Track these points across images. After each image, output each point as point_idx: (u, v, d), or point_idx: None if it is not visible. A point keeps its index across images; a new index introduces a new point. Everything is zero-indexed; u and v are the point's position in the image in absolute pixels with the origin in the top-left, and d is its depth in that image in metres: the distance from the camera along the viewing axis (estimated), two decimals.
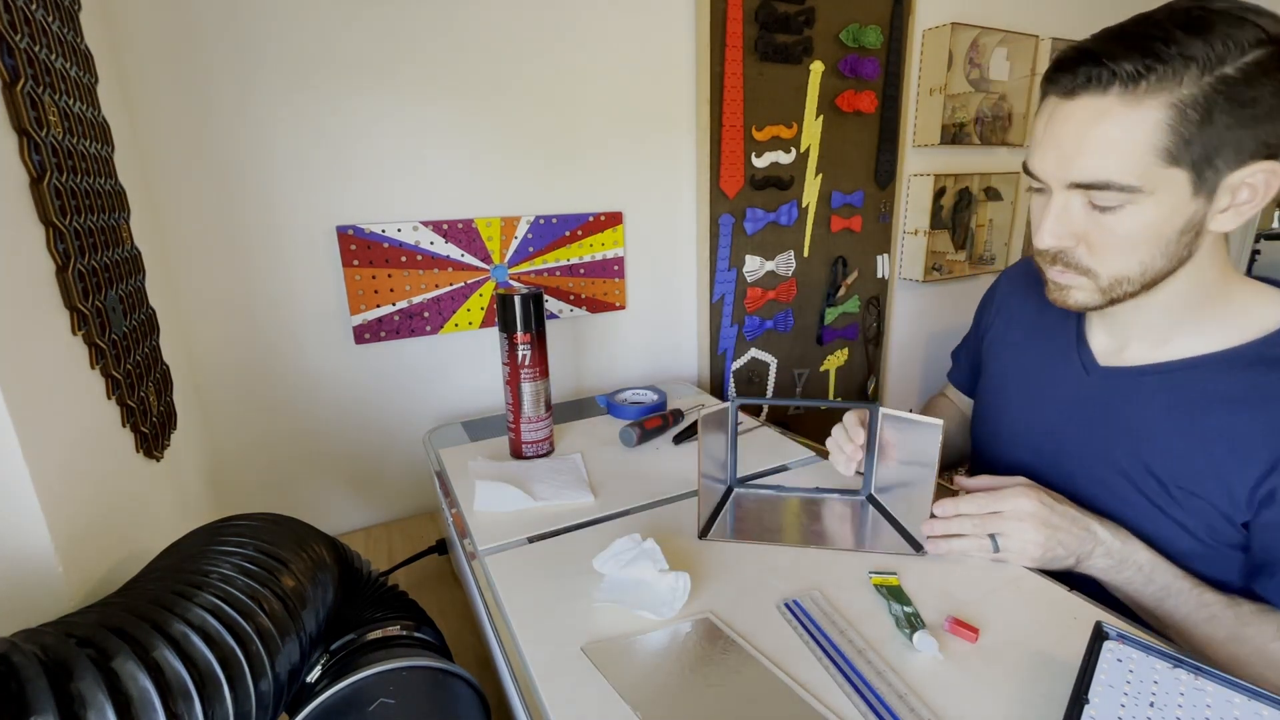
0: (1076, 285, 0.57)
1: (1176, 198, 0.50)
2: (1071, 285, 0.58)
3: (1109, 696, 0.42)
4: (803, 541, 0.64)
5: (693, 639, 0.51)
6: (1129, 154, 0.49)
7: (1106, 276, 0.55)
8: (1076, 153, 0.50)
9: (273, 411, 0.98)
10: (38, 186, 0.49)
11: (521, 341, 0.81)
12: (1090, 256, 0.55)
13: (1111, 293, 0.56)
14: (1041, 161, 0.54)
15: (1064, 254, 0.56)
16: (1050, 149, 0.52)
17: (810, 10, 1.23)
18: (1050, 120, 0.52)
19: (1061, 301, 0.60)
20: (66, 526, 0.46)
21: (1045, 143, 0.53)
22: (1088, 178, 0.50)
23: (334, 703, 0.46)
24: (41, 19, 0.53)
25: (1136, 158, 0.48)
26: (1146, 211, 0.50)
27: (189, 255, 0.88)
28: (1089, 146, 0.50)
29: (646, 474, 0.80)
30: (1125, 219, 0.51)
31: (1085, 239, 0.54)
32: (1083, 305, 0.58)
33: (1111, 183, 0.49)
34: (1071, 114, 0.50)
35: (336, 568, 0.56)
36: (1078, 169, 0.51)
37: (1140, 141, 0.48)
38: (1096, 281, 0.56)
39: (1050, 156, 0.53)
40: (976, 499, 0.59)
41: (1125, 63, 0.47)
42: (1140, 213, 0.50)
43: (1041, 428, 0.69)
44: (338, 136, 0.93)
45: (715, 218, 1.26)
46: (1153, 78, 0.47)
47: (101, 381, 0.56)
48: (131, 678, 0.35)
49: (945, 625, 0.51)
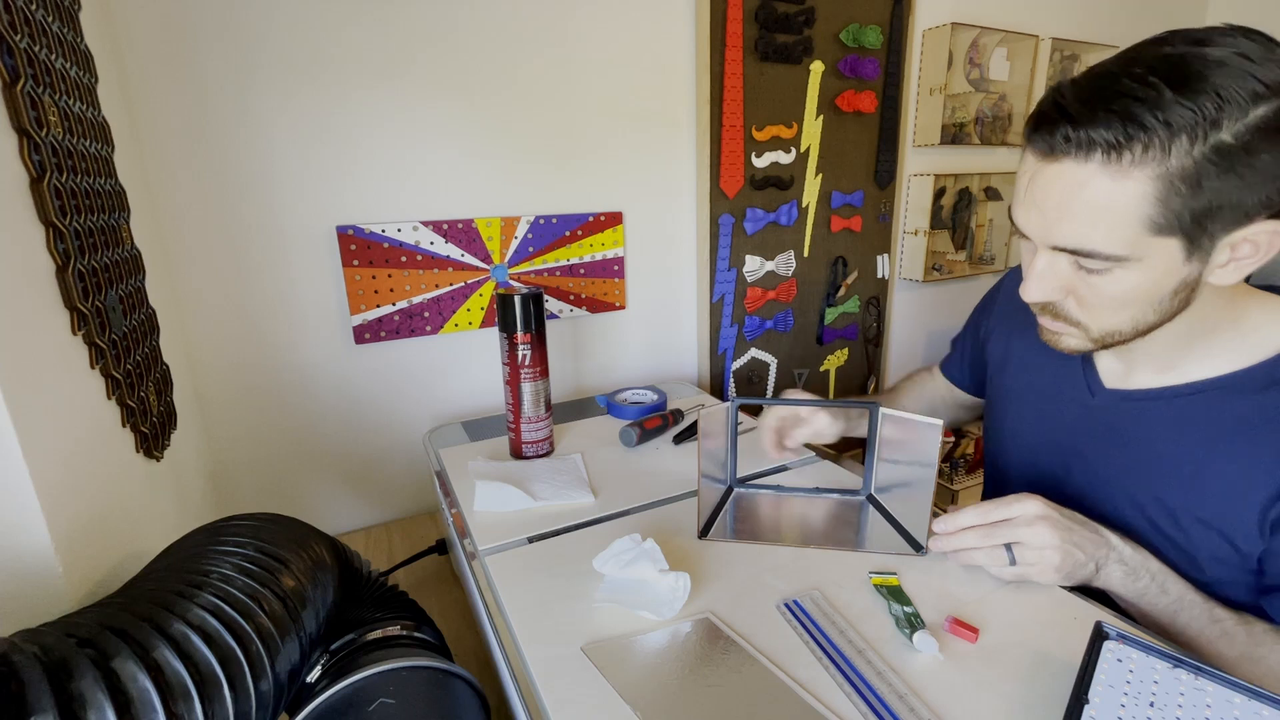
0: (1067, 333, 0.56)
1: (1168, 263, 0.47)
2: (1062, 333, 0.56)
3: (1109, 697, 0.42)
4: (802, 542, 0.64)
5: (693, 639, 0.51)
6: (1114, 225, 0.46)
7: (1097, 330, 0.53)
8: (1059, 219, 0.48)
9: (273, 411, 0.98)
10: (38, 186, 0.49)
11: (521, 341, 0.81)
12: (1080, 310, 0.53)
13: (1104, 342, 0.54)
14: (1025, 220, 0.51)
15: (1053, 306, 0.54)
16: (1033, 209, 0.50)
17: (810, 10, 1.23)
18: (1032, 181, 0.49)
19: (1054, 344, 0.58)
20: (66, 526, 0.46)
21: (1027, 202, 0.50)
22: (1071, 245, 0.48)
23: (334, 703, 0.46)
24: (41, 19, 0.53)
25: (1122, 229, 0.46)
26: (1135, 275, 0.48)
27: (189, 255, 0.88)
28: (1072, 214, 0.47)
29: (646, 474, 0.80)
30: (1113, 282, 0.49)
31: (1074, 293, 0.52)
32: (1075, 350, 0.57)
33: (1096, 252, 0.47)
34: (1054, 179, 0.47)
35: (336, 568, 0.56)
36: (1060, 235, 0.48)
37: (1126, 214, 0.45)
38: (1088, 333, 0.54)
39: (1033, 217, 0.50)
40: (981, 507, 0.56)
41: (1105, 132, 0.43)
42: (1128, 277, 0.48)
43: (1048, 447, 0.67)
44: (338, 136, 0.93)
45: (715, 218, 1.26)
46: (1137, 149, 0.43)
47: (101, 381, 0.56)
48: (131, 678, 0.35)
49: (945, 625, 0.51)
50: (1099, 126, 0.43)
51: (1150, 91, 0.42)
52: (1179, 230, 0.45)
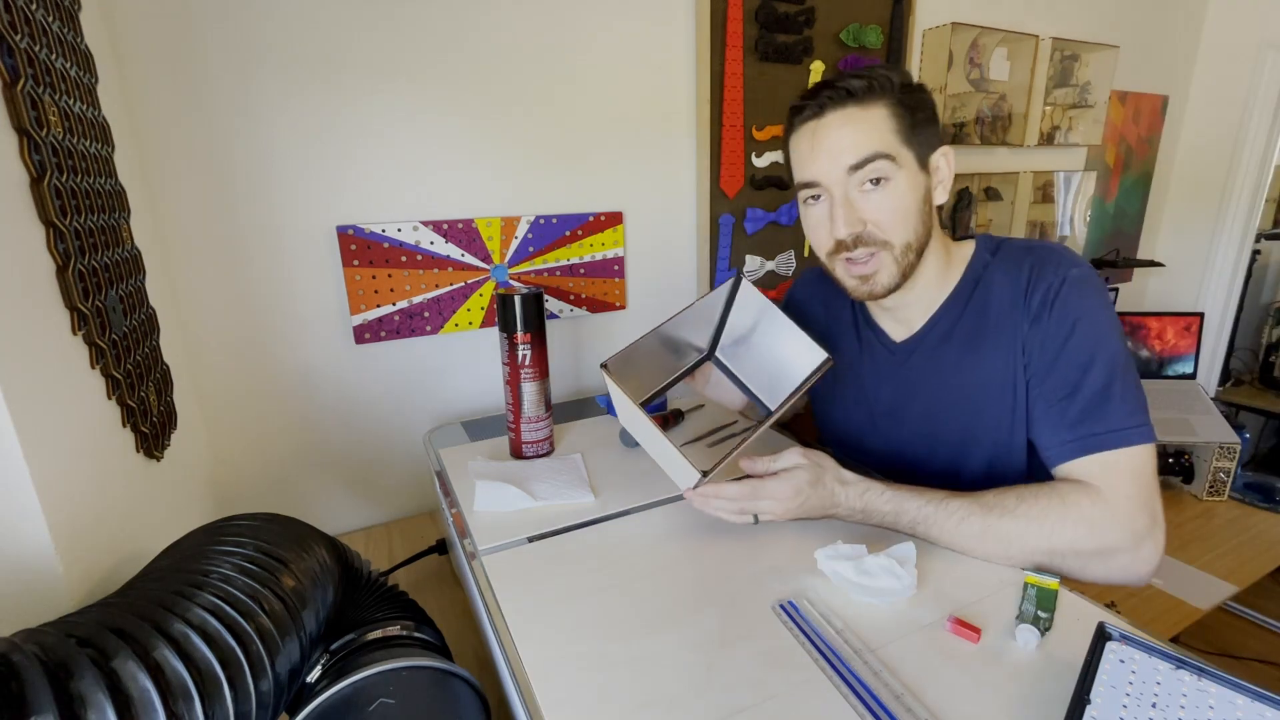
0: (880, 266, 0.67)
1: (913, 171, 0.65)
2: (876, 270, 0.68)
3: (1111, 697, 0.42)
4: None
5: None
6: (876, 134, 0.63)
7: (899, 244, 0.66)
8: (843, 149, 0.64)
9: (273, 411, 0.98)
10: (38, 186, 0.49)
11: (521, 341, 0.81)
12: (881, 230, 0.66)
13: (902, 262, 0.67)
14: (816, 168, 0.66)
15: (861, 236, 0.66)
16: (822, 156, 0.65)
17: (810, 10, 1.23)
18: (814, 137, 0.65)
19: (867, 293, 0.70)
20: (66, 526, 0.46)
21: (816, 153, 0.65)
22: (862, 156, 0.63)
23: (334, 703, 0.46)
24: (41, 19, 0.53)
25: (881, 134, 0.63)
26: (901, 182, 0.64)
27: (189, 255, 0.88)
28: (851, 138, 0.64)
29: (646, 474, 0.80)
30: (891, 193, 0.64)
31: (870, 219, 0.66)
32: (886, 287, 0.68)
33: (876, 152, 0.63)
34: (830, 125, 0.64)
35: (336, 568, 0.56)
36: (850, 155, 0.64)
37: (881, 126, 0.63)
38: (892, 252, 0.66)
39: (823, 160, 0.65)
40: (741, 490, 0.63)
41: (855, 81, 0.63)
42: (898, 184, 0.64)
43: (859, 404, 0.82)
44: (338, 136, 0.93)
45: (715, 218, 1.26)
46: (875, 90, 0.63)
47: (101, 381, 0.56)
48: (132, 678, 0.35)
49: (947, 626, 0.51)
50: (848, 80, 0.64)
51: (864, 71, 0.65)
52: (910, 140, 0.64)
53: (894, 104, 0.64)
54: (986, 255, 0.72)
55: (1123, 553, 0.59)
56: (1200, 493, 1.41)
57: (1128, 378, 0.63)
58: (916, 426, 0.77)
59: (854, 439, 0.84)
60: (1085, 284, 0.65)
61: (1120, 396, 0.61)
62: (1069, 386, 0.63)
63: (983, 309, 0.70)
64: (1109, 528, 0.58)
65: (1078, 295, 0.64)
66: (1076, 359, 0.63)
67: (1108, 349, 0.63)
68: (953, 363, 0.72)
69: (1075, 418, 0.63)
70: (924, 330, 0.74)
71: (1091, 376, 0.62)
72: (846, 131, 0.64)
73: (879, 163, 0.63)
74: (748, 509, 0.63)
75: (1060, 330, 0.64)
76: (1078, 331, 0.63)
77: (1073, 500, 0.59)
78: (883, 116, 0.64)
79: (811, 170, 0.66)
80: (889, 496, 0.63)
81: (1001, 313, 0.68)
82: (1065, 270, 0.65)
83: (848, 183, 0.65)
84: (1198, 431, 1.43)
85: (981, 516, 0.60)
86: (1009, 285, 0.68)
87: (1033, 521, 0.59)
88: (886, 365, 0.78)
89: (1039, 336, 0.65)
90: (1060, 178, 1.78)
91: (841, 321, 0.84)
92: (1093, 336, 0.63)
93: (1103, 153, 1.90)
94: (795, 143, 0.69)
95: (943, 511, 0.61)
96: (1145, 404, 0.62)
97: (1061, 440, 0.63)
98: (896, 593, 0.55)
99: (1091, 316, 0.64)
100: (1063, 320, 0.64)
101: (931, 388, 0.74)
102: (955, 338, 0.72)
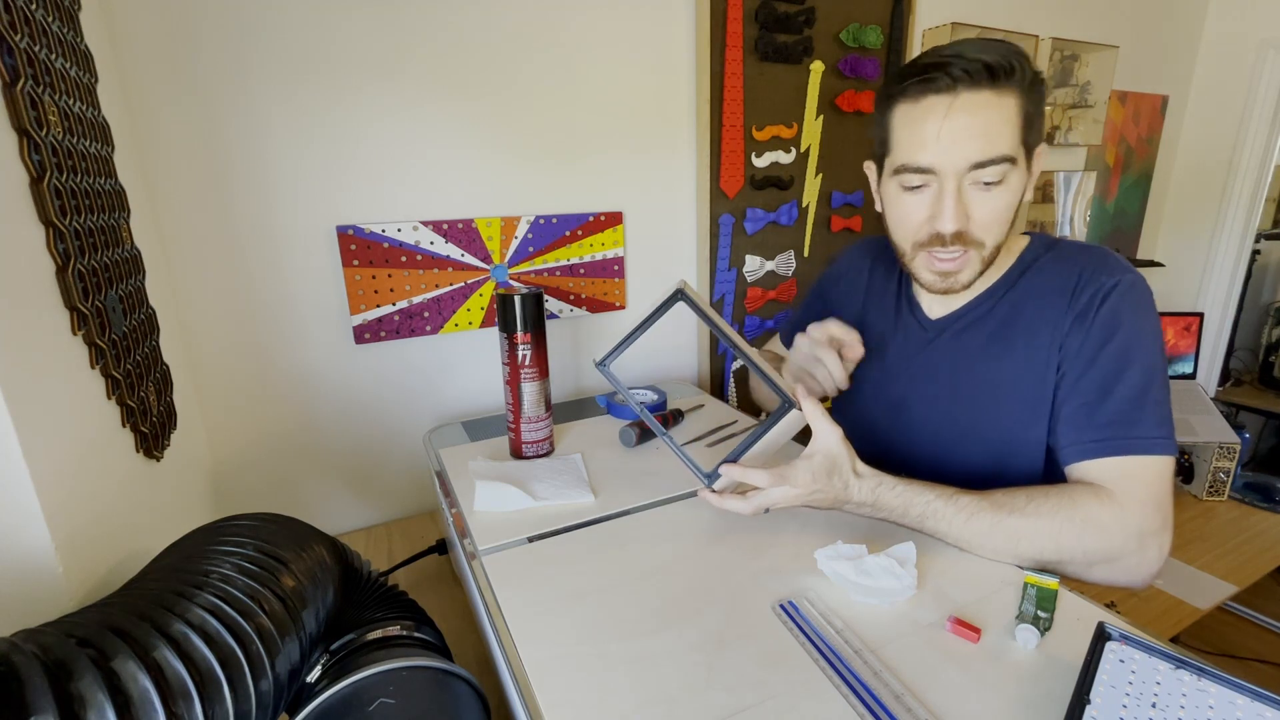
0: (966, 264, 0.66)
1: (1021, 171, 0.62)
2: (962, 268, 0.66)
3: (1111, 697, 0.42)
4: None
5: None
6: (1009, 132, 0.60)
7: (991, 245, 0.65)
8: (974, 141, 0.59)
9: (273, 411, 0.98)
10: (38, 186, 0.49)
11: (521, 341, 0.81)
12: (982, 231, 0.64)
13: (987, 261, 0.66)
14: (937, 155, 0.61)
15: (962, 233, 0.64)
16: (947, 142, 0.60)
17: (810, 10, 1.23)
18: (943, 119, 0.60)
19: (945, 288, 0.68)
20: (66, 526, 0.46)
21: (941, 138, 0.60)
22: (987, 156, 0.59)
23: (334, 703, 0.46)
24: (41, 19, 0.53)
25: (1011, 133, 0.60)
26: (1014, 185, 0.62)
27: (189, 255, 0.88)
28: (982, 131, 0.59)
29: (646, 474, 0.80)
30: (1000, 194, 0.62)
31: (975, 217, 0.63)
32: (965, 284, 0.67)
33: (1003, 155, 0.59)
34: (963, 109, 0.59)
35: (337, 568, 0.56)
36: (978, 151, 0.59)
37: (1012, 122, 0.59)
38: (982, 252, 0.65)
39: (948, 148, 0.60)
40: (751, 498, 0.63)
41: (994, 56, 0.58)
42: (1010, 187, 0.61)
43: (883, 397, 0.79)
44: (338, 136, 0.93)
45: (715, 218, 1.26)
46: (1014, 73, 0.58)
47: (101, 381, 0.56)
48: (131, 678, 0.35)
49: (947, 626, 0.51)
50: (988, 51, 0.58)
51: (994, 43, 0.59)
52: (1027, 138, 0.61)
53: (1024, 95, 0.59)
54: (1040, 250, 0.71)
55: (1129, 556, 0.59)
56: (1200, 493, 1.41)
57: (1163, 391, 0.62)
58: (924, 411, 0.75)
59: (865, 426, 0.81)
60: (1137, 291, 0.64)
61: (1154, 406, 0.61)
62: (1103, 388, 0.62)
63: (1022, 301, 0.69)
64: (1118, 531, 0.58)
65: (1127, 302, 0.63)
66: (1115, 362, 0.62)
67: (1148, 358, 0.62)
68: (980, 348, 0.71)
69: (1104, 419, 0.62)
70: (960, 311, 0.73)
71: (1127, 381, 0.61)
72: (979, 121, 0.59)
73: (1003, 165, 0.60)
74: (763, 502, 0.63)
75: (1104, 332, 0.63)
76: (1121, 336, 0.62)
77: (1083, 502, 0.59)
78: (1014, 108, 0.59)
79: (929, 155, 0.61)
80: (899, 490, 0.62)
81: (1042, 307, 0.67)
82: (1119, 275, 0.64)
83: (964, 177, 0.61)
84: (1198, 431, 1.43)
85: (991, 513, 0.60)
86: (1057, 281, 0.67)
87: (1042, 521, 0.59)
88: (915, 342, 0.76)
89: (1080, 335, 0.64)
90: (1060, 178, 1.78)
91: (887, 293, 0.81)
92: (1135, 343, 0.62)
93: (1103, 153, 1.89)
94: (909, 115, 0.62)
95: (952, 506, 0.61)
96: (1172, 420, 0.61)
97: (1085, 439, 0.62)
98: (896, 593, 0.55)
99: (1138, 324, 0.63)
100: (1108, 323, 0.63)
101: (953, 370, 0.73)
102: (988, 324, 0.71)
